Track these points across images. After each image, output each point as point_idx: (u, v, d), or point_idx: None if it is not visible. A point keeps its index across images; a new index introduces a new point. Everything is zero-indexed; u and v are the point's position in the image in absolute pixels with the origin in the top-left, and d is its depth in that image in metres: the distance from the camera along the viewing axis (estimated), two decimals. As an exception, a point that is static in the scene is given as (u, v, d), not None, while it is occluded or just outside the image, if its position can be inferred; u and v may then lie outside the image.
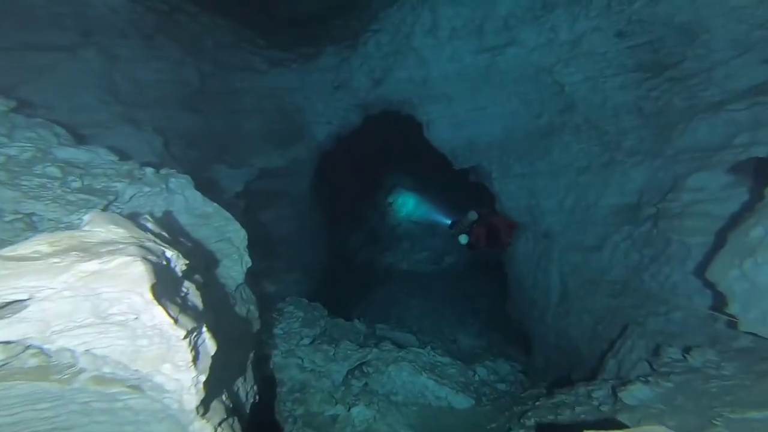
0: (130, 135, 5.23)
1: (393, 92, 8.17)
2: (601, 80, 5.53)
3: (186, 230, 3.38)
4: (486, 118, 7.67)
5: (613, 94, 5.47)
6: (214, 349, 2.01)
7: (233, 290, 3.85)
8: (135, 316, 1.60)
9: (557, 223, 6.86)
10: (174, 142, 6.48)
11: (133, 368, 1.64)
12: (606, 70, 5.44)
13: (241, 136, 7.94)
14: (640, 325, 4.81)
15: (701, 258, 4.09)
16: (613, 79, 5.41)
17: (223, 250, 3.79)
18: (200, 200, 3.65)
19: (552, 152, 6.86)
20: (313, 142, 8.82)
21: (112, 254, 1.64)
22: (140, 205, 3.16)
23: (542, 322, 7.35)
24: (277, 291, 7.94)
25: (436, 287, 10.14)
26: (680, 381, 3.46)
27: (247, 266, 4.02)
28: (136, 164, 3.52)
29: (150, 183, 3.28)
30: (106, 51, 5.74)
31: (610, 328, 5.49)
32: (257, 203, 8.70)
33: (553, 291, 6.98)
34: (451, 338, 8.52)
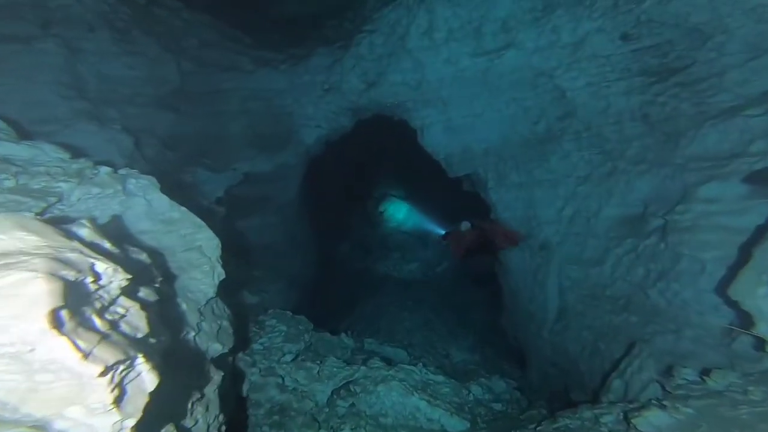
0: (94, 133, 4.79)
1: (386, 95, 7.85)
2: (604, 85, 5.26)
3: (142, 238, 2.94)
4: (482, 124, 7.37)
5: (617, 99, 5.20)
6: (153, 384, 1.59)
7: (202, 305, 3.41)
8: (30, 347, 1.19)
9: (555, 234, 6.54)
10: (148, 142, 6.04)
11: (23, 411, 1.22)
12: (609, 74, 5.18)
13: (224, 138, 7.52)
14: (647, 344, 4.46)
15: (718, 274, 3.77)
16: (616, 83, 5.14)
17: (192, 260, 3.36)
18: (166, 204, 3.24)
19: (550, 160, 6.56)
20: (301, 147, 8.43)
21: (8, 269, 1.23)
22: (89, 209, 2.73)
23: (539, 337, 6.98)
24: (260, 302, 7.46)
25: (427, 299, 9.74)
26: (701, 406, 3.09)
27: (219, 278, 3.59)
28: (89, 163, 3.09)
29: (102, 184, 2.85)
30: (70, 44, 5.31)
31: (612, 345, 5.14)
32: (240, 209, 8.25)
33: (551, 305, 6.63)
34: (443, 352, 8.10)
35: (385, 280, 10.76)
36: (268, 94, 8.06)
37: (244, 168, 7.65)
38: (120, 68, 5.88)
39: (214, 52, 7.47)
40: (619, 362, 4.66)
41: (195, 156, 6.98)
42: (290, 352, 6.17)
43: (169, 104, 6.77)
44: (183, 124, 6.98)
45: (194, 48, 7.16)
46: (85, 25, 5.48)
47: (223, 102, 7.58)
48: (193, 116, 7.16)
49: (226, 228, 7.86)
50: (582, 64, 5.42)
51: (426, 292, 10.11)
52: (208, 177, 7.00)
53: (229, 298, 6.20)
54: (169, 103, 6.76)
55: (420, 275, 11.27)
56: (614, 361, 5.04)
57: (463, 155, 7.74)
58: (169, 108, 6.74)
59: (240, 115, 7.73)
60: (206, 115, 7.37)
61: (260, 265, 8.28)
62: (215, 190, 7.09)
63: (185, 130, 7.01)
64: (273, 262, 8.67)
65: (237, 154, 7.62)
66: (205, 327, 3.38)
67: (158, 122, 6.48)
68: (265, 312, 7.02)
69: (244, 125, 7.82)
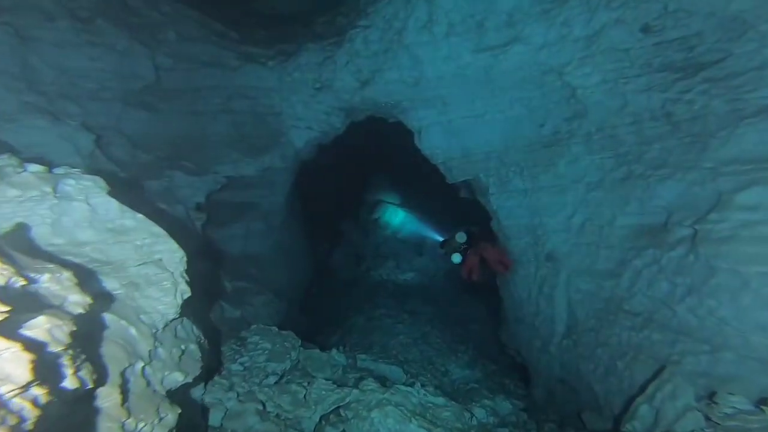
0: (45, 129, 4.15)
1: (381, 94, 7.31)
2: (621, 82, 4.79)
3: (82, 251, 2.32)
4: (484, 126, 6.86)
5: (635, 97, 4.73)
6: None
7: (160, 329, 2.80)
8: None
9: (563, 244, 6.03)
10: (117, 142, 5.40)
11: None
12: (627, 70, 4.71)
13: (205, 139, 6.88)
14: (676, 365, 3.94)
15: (764, 290, 3.27)
16: (635, 80, 4.68)
17: (149, 275, 2.75)
18: (115, 210, 2.63)
19: (557, 165, 6.08)
20: (290, 150, 7.83)
21: None
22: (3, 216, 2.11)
23: (545, 353, 6.44)
24: (242, 317, 6.80)
25: (423, 310, 9.15)
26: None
27: (184, 296, 2.97)
28: (14, 159, 2.46)
29: (24, 185, 2.24)
30: (21, 32, 4.67)
31: (633, 365, 4.60)
32: (223, 216, 7.61)
33: (559, 320, 6.10)
34: (441, 369, 7.49)
35: (378, 289, 10.15)
36: (254, 92, 7.47)
37: (227, 171, 7.02)
38: (81, 60, 5.24)
39: (195, 47, 6.86)
40: (645, 385, 4.13)
41: (172, 158, 6.34)
42: (274, 372, 5.53)
43: (143, 102, 6.14)
44: (159, 123, 6.34)
45: (172, 42, 6.54)
46: (40, 12, 4.85)
47: (204, 100, 6.96)
48: (170, 115, 6.52)
49: (207, 236, 7.22)
50: (596, 59, 4.95)
51: (422, 302, 9.53)
52: (186, 181, 6.35)
53: (205, 314, 5.56)
54: (142, 101, 6.13)
55: (415, 284, 10.68)
56: (635, 383, 4.52)
57: (463, 159, 7.22)
58: (143, 106, 6.10)
59: (223, 114, 7.11)
60: (185, 115, 6.73)
61: (244, 275, 7.62)
62: (195, 195, 6.45)
63: (161, 130, 6.37)
64: (258, 273, 8.02)
65: (219, 156, 6.99)
66: (162, 354, 2.76)
67: (129, 121, 5.84)
68: (248, 327, 6.37)
69: (228, 126, 7.20)
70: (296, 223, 9.43)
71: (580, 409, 5.71)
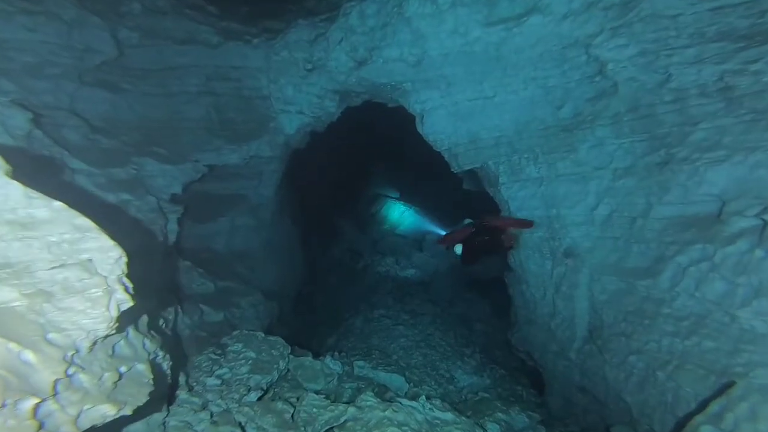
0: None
1: (380, 74, 6.48)
2: (664, 54, 4.02)
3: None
4: (494, 109, 6.08)
5: (681, 71, 3.96)
6: None
7: (82, 350, 2.01)
8: None
9: (585, 238, 5.29)
10: (69, 124, 4.56)
11: None
12: (673, 40, 3.94)
13: (181, 124, 6.02)
14: (742, 378, 3.22)
15: None
16: (682, 51, 3.91)
17: (71, 282, 1.95)
18: (19, 197, 1.83)
19: (578, 150, 5.32)
20: (279, 136, 6.99)
21: None
22: None
23: (563, 358, 5.72)
24: (226, 320, 5.99)
25: (424, 310, 8.40)
26: None
27: (121, 307, 2.18)
28: None
29: None
30: None
31: (679, 376, 3.87)
32: (205, 210, 6.77)
33: (580, 322, 5.37)
34: (446, 375, 6.75)
35: (377, 288, 9.38)
36: (237, 73, 6.60)
37: (209, 160, 6.18)
38: (17, 30, 4.37)
39: (166, 21, 5.94)
40: (705, 402, 3.41)
41: (141, 144, 5.48)
42: (258, 387, 4.73)
43: (103, 81, 5.27)
44: (124, 105, 5.48)
45: (137, 14, 5.62)
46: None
47: (179, 81, 6.07)
48: (138, 97, 5.65)
49: (186, 231, 6.38)
50: (634, 29, 4.17)
51: (422, 301, 8.78)
52: (159, 169, 5.50)
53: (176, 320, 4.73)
54: (102, 80, 5.26)
55: (415, 282, 9.92)
56: (682, 396, 3.80)
57: (470, 145, 6.44)
58: (103, 85, 5.24)
59: (201, 97, 6.24)
60: (157, 97, 5.86)
61: (229, 274, 6.80)
62: (170, 185, 5.61)
63: (127, 113, 5.52)
64: (246, 272, 7.20)
65: (199, 143, 6.13)
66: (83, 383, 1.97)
67: (85, 101, 4.99)
68: (231, 333, 5.56)
69: (208, 109, 6.33)
70: (288, 218, 8.60)
71: (606, 421, 5.00)
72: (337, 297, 9.54)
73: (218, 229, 6.93)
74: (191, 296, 5.57)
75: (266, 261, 7.73)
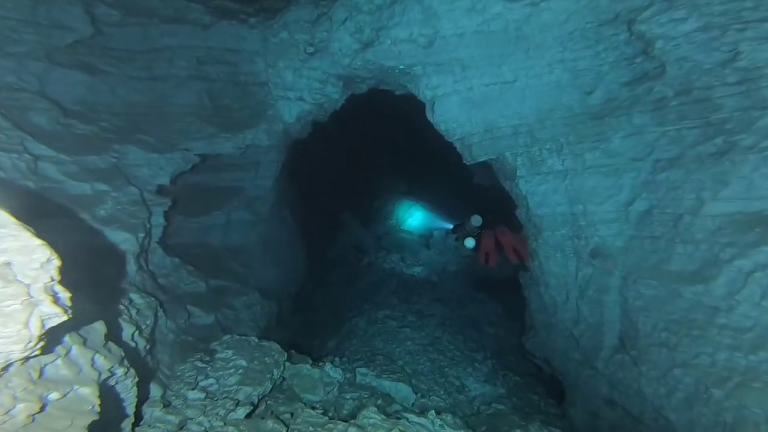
0: None
1: (387, 57, 5.78)
2: (734, 28, 3.35)
3: None
4: (513, 95, 5.40)
5: (754, 48, 3.29)
6: None
7: None
8: None
9: (616, 237, 4.64)
10: (37, 107, 3.92)
11: None
12: (749, 12, 3.26)
13: (169, 110, 5.35)
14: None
15: None
16: (759, 26, 3.23)
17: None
18: None
19: (610, 140, 4.66)
20: (277, 124, 6.32)
21: None
22: None
23: (588, 368, 5.10)
24: (218, 323, 5.36)
25: (432, 311, 7.78)
26: None
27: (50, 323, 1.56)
28: None
29: None
30: None
31: (743, 395, 3.24)
32: (198, 202, 6.12)
33: (610, 330, 4.75)
34: (456, 383, 6.14)
35: (381, 286, 8.76)
36: (232, 56, 5.92)
37: (201, 148, 5.51)
38: None
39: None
40: None
41: (124, 131, 4.83)
42: (247, 401, 4.11)
43: (78, 62, 4.61)
44: (104, 89, 4.83)
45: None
46: None
47: (167, 64, 5.39)
48: (120, 80, 5.00)
49: (176, 226, 5.74)
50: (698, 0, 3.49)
51: (431, 301, 8.16)
52: (144, 158, 4.85)
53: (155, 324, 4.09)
54: (77, 60, 4.60)
55: (422, 280, 9.28)
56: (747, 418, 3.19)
57: (486, 135, 5.76)
58: (78, 66, 4.58)
59: (192, 81, 5.56)
60: (142, 80, 5.19)
61: (223, 272, 6.18)
62: (156, 175, 4.96)
63: (109, 98, 4.88)
64: (241, 269, 6.57)
65: (189, 130, 5.47)
66: None
67: (58, 84, 4.35)
68: (222, 337, 4.94)
69: (200, 95, 5.66)
70: (287, 211, 7.96)
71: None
72: (339, 295, 8.92)
73: (212, 223, 6.30)
74: (178, 297, 4.95)
75: (264, 257, 7.10)
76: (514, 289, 7.89)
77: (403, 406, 5.31)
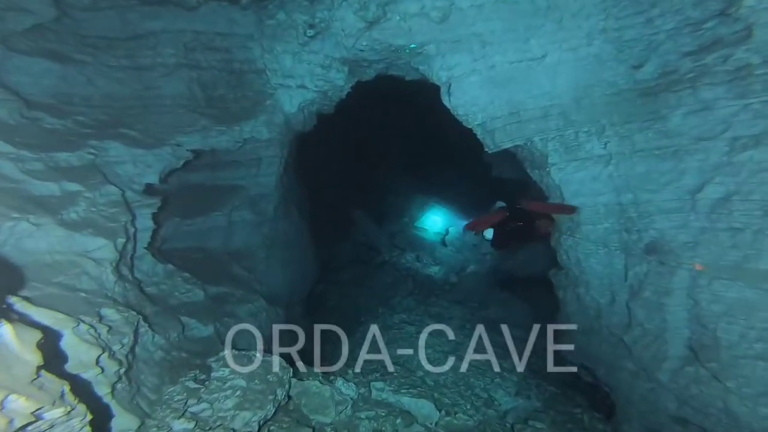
0: None
1: (396, 35, 4.97)
2: None
3: None
4: (544, 72, 4.57)
5: None
6: None
7: None
8: None
9: (681, 230, 3.78)
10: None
11: None
12: None
13: (155, 102, 4.65)
14: None
15: None
16: None
17: None
18: None
19: (668, 118, 3.80)
20: (278, 116, 5.57)
21: None
22: None
23: (645, 379, 4.26)
24: (217, 335, 4.67)
25: (452, 314, 7.00)
26: None
27: None
28: None
29: None
30: None
31: None
32: (196, 203, 5.43)
33: (675, 338, 3.90)
34: (483, 396, 5.35)
35: (396, 288, 8.00)
36: (223, 41, 5.18)
37: (193, 143, 4.80)
38: None
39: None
40: None
41: (105, 125, 4.15)
42: (245, 430, 3.41)
43: (47, 50, 3.96)
44: (82, 80, 4.20)
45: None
46: None
47: (151, 51, 4.68)
48: (101, 70, 4.33)
49: (170, 229, 5.05)
50: None
51: (450, 303, 7.38)
52: (129, 155, 4.16)
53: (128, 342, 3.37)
54: (45, 48, 3.95)
55: (440, 281, 8.49)
56: None
57: (511, 118, 4.93)
58: (48, 55, 3.94)
59: (181, 70, 4.84)
60: (125, 70, 4.51)
61: (224, 279, 5.48)
62: (143, 173, 4.27)
63: (86, 90, 4.24)
64: (245, 274, 5.88)
65: (180, 124, 4.75)
66: None
67: (20, 73, 3.76)
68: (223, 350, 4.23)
69: (190, 85, 4.93)
70: (295, 210, 7.23)
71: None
72: (352, 297, 8.20)
73: (212, 225, 5.60)
74: (171, 308, 4.26)
75: (270, 260, 6.39)
76: (541, 287, 7.07)
77: (426, 426, 4.57)
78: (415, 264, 9.01)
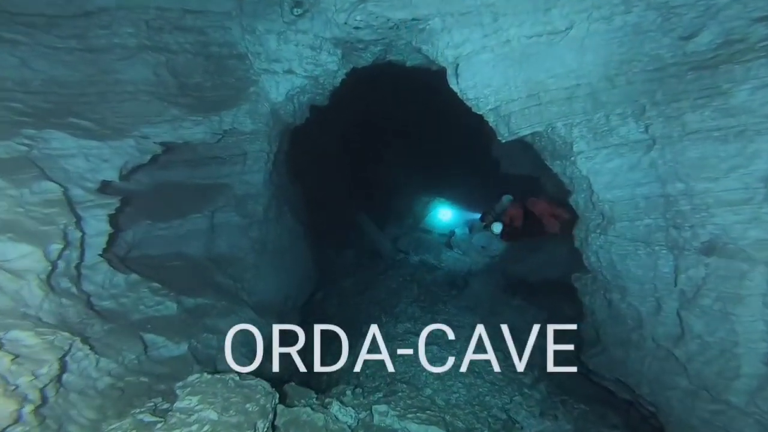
0: None
1: (395, 7, 4.15)
2: None
3: None
4: (568, 47, 3.78)
5: None
6: None
7: None
8: None
9: (750, 225, 2.99)
10: None
11: None
12: None
13: (114, 89, 3.83)
14: None
15: None
16: None
17: None
18: None
19: (731, 94, 3.03)
20: (262, 105, 4.75)
21: None
22: None
23: (708, 401, 3.45)
24: (191, 354, 3.85)
25: (461, 322, 6.17)
26: None
27: None
28: None
29: None
30: None
31: None
32: (172, 204, 4.60)
33: (749, 352, 3.11)
34: (502, 417, 4.52)
35: (400, 293, 7.18)
36: (195, 20, 4.36)
37: (161, 135, 3.97)
38: None
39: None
40: None
41: (47, 114, 3.35)
42: None
43: None
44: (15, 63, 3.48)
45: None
46: None
47: (106, 31, 3.86)
48: (40, 52, 3.55)
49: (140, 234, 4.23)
50: None
51: (459, 310, 6.55)
52: (77, 147, 3.35)
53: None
54: None
55: (446, 285, 7.66)
56: None
57: (530, 101, 4.13)
58: None
59: (144, 52, 4.00)
60: (73, 52, 3.71)
61: (205, 288, 4.65)
62: (97, 169, 3.46)
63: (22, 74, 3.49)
64: (230, 283, 5.06)
65: (144, 113, 3.93)
66: None
67: None
68: (193, 372, 3.40)
69: (155, 70, 4.09)
70: (288, 211, 6.42)
71: None
72: (354, 305, 7.38)
73: (191, 229, 4.78)
74: (133, 324, 3.44)
75: (260, 267, 5.57)
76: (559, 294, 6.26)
77: (437, 459, 3.76)
78: (420, 269, 8.20)
